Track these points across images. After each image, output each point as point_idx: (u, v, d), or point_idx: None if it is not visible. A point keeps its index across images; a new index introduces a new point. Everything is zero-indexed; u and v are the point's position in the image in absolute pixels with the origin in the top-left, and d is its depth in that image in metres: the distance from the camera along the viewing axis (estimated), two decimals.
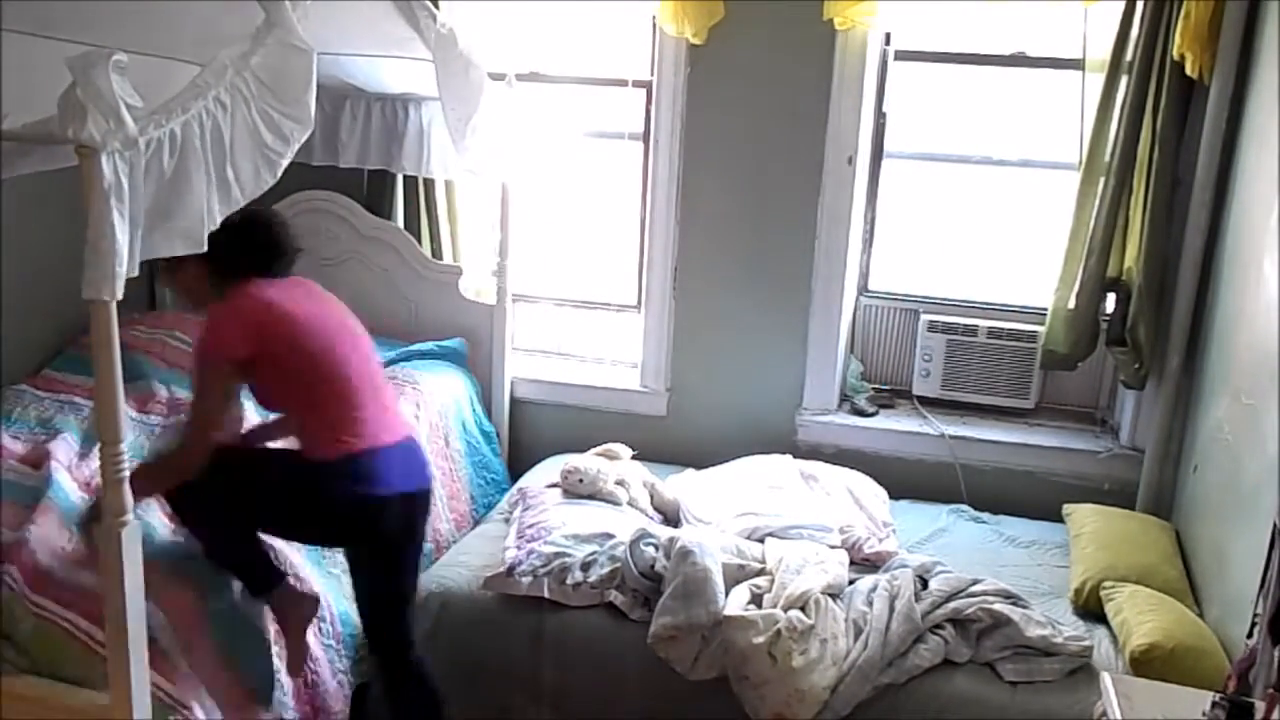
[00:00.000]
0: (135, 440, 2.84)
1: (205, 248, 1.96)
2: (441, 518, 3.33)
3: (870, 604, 2.64)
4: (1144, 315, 3.19)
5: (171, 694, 2.19)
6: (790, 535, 2.91)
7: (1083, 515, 3.14)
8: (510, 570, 2.74)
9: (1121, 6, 3.10)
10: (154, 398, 3.19)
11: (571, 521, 2.95)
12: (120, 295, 1.77)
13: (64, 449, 2.81)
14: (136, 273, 1.81)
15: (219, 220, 1.98)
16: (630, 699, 2.65)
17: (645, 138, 3.71)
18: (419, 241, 3.83)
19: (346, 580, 2.79)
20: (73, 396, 3.14)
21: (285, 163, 2.12)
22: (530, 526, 2.95)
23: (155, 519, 2.51)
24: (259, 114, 2.04)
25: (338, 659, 2.69)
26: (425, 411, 3.39)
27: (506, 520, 3.15)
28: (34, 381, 3.24)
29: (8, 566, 2.27)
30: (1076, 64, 3.28)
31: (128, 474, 1.93)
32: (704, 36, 3.39)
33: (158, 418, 3.12)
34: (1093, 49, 3.23)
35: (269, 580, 2.47)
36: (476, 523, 3.36)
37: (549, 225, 4.03)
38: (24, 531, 2.36)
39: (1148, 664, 2.40)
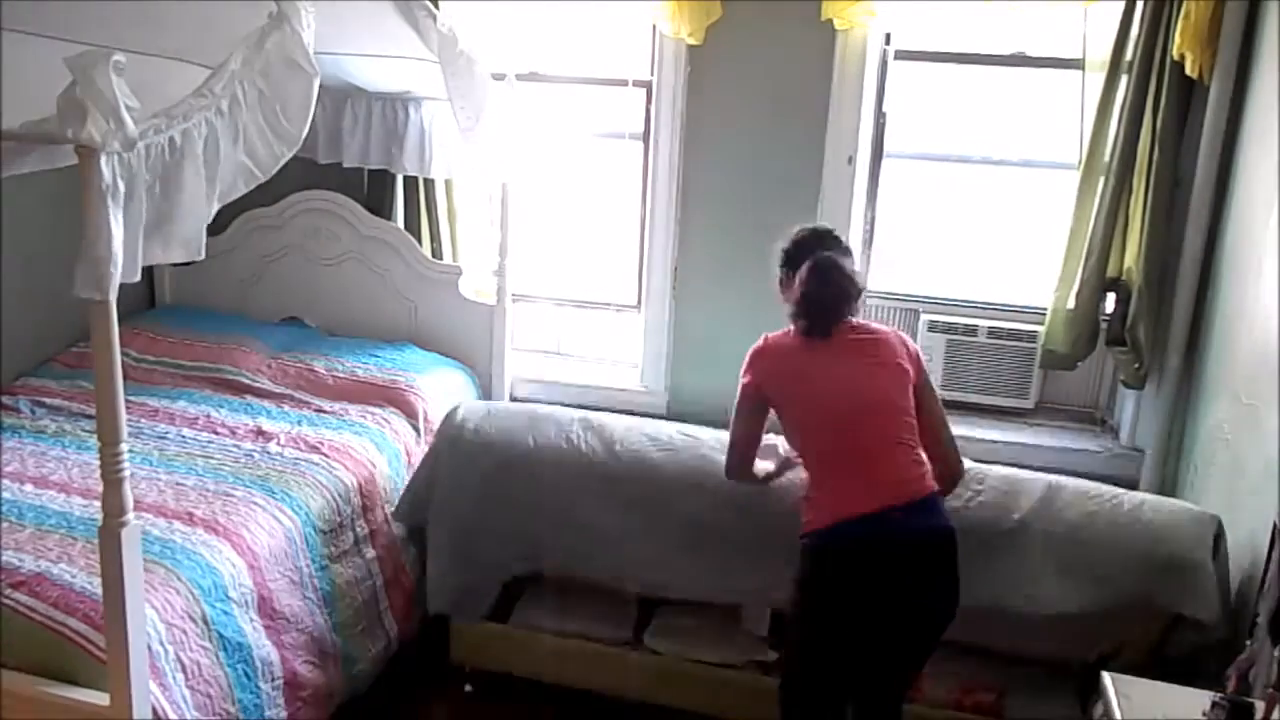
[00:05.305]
0: None
1: (203, 255, 1.97)
2: None
3: None
4: (1144, 315, 3.19)
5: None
6: None
7: None
8: None
9: (1121, 6, 3.09)
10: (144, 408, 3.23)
11: None
12: (113, 296, 1.78)
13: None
14: (138, 277, 1.81)
15: None
16: None
17: (645, 138, 3.70)
18: (419, 241, 3.82)
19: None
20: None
21: (265, 179, 2.12)
22: None
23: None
24: (255, 129, 2.04)
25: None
26: (425, 416, 3.38)
27: None
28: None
29: None
30: (1076, 64, 3.28)
31: (127, 474, 1.93)
32: (701, 36, 3.38)
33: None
34: (1093, 49, 3.22)
35: None
36: None
37: (549, 225, 4.02)
38: None
39: None
